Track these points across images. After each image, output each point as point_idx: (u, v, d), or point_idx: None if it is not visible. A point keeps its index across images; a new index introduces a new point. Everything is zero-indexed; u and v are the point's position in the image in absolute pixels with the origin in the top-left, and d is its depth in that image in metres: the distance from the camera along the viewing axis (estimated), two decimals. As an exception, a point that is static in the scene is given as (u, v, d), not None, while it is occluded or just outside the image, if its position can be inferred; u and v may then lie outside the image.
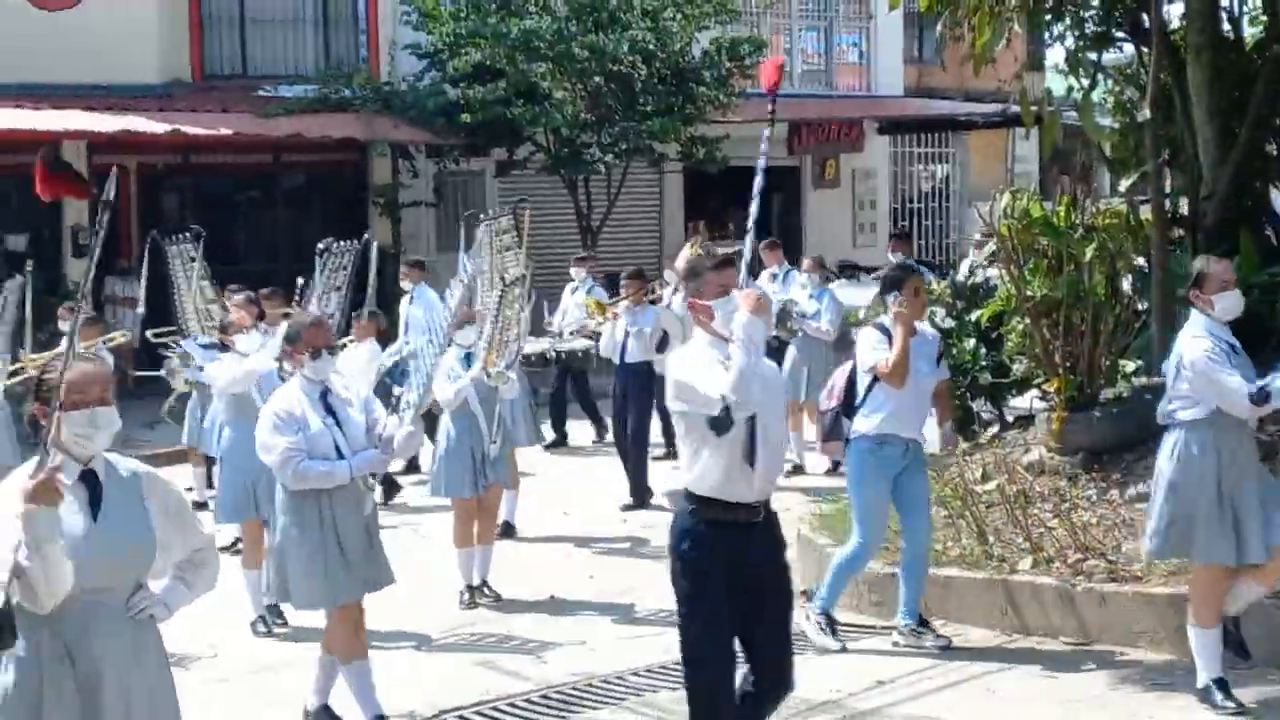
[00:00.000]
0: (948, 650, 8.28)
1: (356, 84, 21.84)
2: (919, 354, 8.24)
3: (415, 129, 21.80)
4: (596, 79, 21.29)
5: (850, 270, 23.25)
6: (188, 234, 12.24)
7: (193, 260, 12.01)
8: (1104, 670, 7.90)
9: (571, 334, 14.57)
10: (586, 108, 21.42)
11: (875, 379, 8.22)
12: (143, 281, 14.69)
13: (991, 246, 11.24)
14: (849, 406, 8.42)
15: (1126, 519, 9.09)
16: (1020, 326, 10.75)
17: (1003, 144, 31.78)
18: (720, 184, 26.23)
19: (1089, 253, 10.22)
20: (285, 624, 9.13)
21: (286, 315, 12.11)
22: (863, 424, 8.30)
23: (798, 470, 13.60)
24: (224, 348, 10.12)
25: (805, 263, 14.77)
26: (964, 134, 30.74)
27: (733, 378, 5.60)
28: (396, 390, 10.95)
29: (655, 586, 9.71)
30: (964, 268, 15.00)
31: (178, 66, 22.30)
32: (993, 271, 11.64)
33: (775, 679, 6.12)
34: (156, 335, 13.37)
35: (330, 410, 7.26)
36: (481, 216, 11.61)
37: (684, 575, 5.95)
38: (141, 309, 14.66)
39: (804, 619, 8.21)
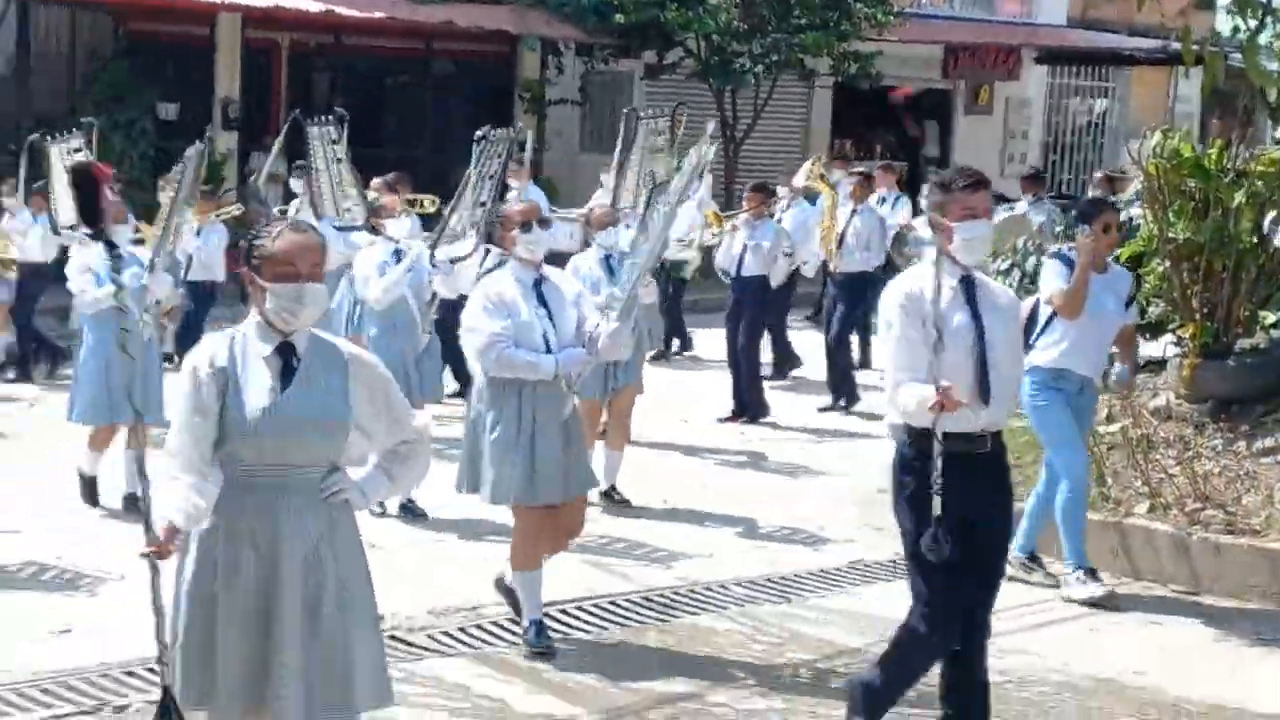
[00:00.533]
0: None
1: (514, -23, 21.91)
2: (1106, 290, 8.05)
3: (567, 25, 21.87)
4: (753, -13, 21.22)
5: (994, 199, 23.05)
6: (331, 116, 12.32)
7: (334, 143, 12.06)
8: (1211, 621, 7.86)
9: (679, 242, 14.61)
10: (740, 16, 21.37)
11: (1053, 311, 8.06)
12: (269, 157, 14.82)
13: (1136, 185, 11.12)
14: (1025, 338, 7.98)
15: (1250, 471, 9.01)
16: (1159, 269, 10.60)
17: (1166, 82, 31.15)
18: (870, 102, 26.13)
19: (1238, 198, 10.05)
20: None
21: (412, 203, 12.26)
22: (1039, 356, 8.05)
23: None
24: (374, 230, 10.20)
25: (925, 189, 14.63)
26: (1126, 70, 30.19)
27: (896, 398, 5.61)
28: None
29: (770, 500, 9.88)
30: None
31: (337, -54, 22.48)
32: (1135, 211, 11.48)
33: (974, 618, 5.77)
34: (283, 211, 13.54)
35: (543, 301, 6.96)
36: (640, 115, 11.68)
37: (911, 509, 5.67)
38: (258, 181, 14.78)
39: (1063, 581, 8.15)
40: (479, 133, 10.17)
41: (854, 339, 14.04)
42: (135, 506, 8.87)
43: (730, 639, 7.47)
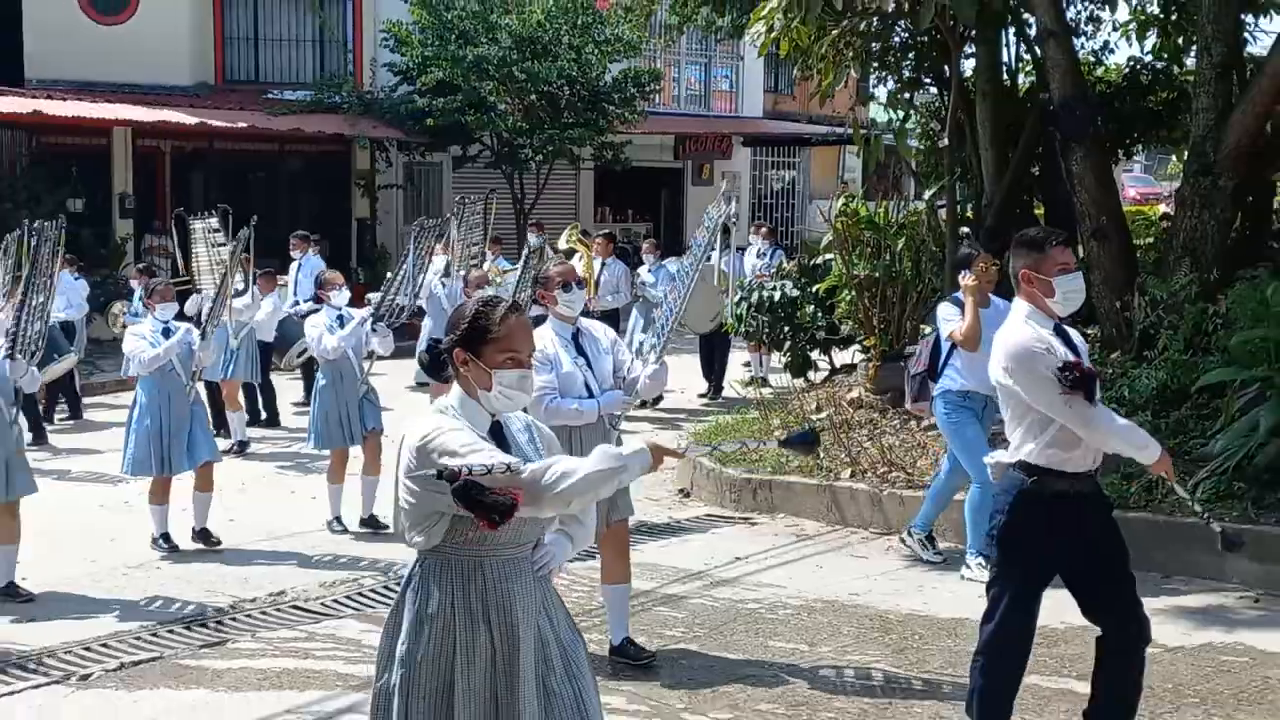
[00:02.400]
0: (943, 564, 7.64)
1: (345, 91, 21.62)
2: (992, 323, 6.89)
3: (390, 128, 21.64)
4: (531, 96, 21.24)
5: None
6: (214, 211, 11.99)
7: (215, 230, 11.78)
8: (896, 553, 8.00)
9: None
10: (522, 118, 21.38)
11: (954, 345, 7.33)
12: (174, 245, 14.36)
13: (828, 237, 11.45)
14: (933, 370, 7.50)
15: (921, 442, 9.25)
16: (848, 297, 10.93)
17: (836, 158, 32.10)
18: (623, 181, 26.37)
19: (900, 243, 10.46)
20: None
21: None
22: (948, 382, 7.37)
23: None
24: (318, 301, 9.62)
25: (645, 245, 14.78)
26: (808, 149, 31.01)
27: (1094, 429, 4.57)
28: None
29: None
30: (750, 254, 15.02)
31: (204, 72, 21.98)
32: (829, 255, 11.87)
33: (1137, 633, 4.68)
34: (176, 284, 13.01)
35: (580, 350, 6.04)
36: (465, 201, 11.81)
37: (1016, 546, 4.65)
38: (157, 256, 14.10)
39: (965, 564, 7.40)
40: (458, 198, 9.83)
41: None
42: (206, 539, 8.31)
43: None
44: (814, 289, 11.89)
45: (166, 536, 8.33)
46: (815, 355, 12.30)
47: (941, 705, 5.57)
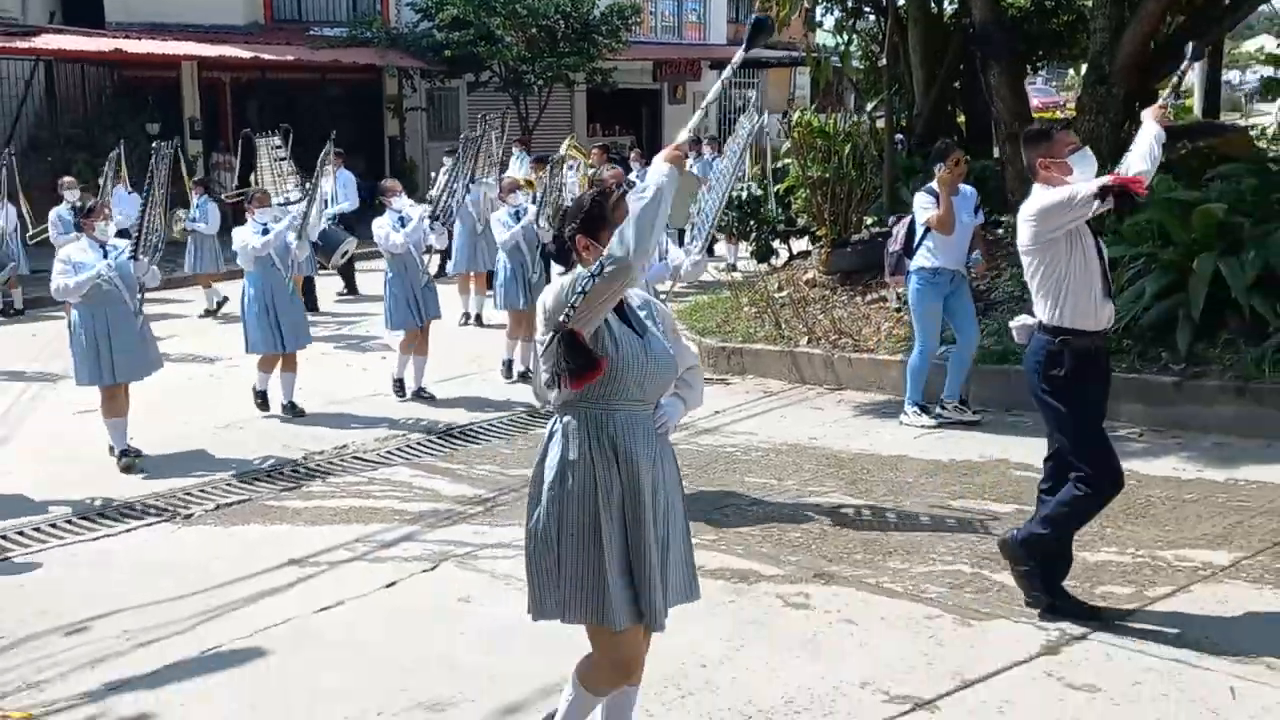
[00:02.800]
0: (978, 425, 7.25)
1: (375, 28, 21.18)
2: (961, 207, 7.07)
3: (414, 59, 21.23)
4: (533, 29, 20.84)
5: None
6: (275, 131, 11.74)
7: (277, 148, 11.55)
8: (846, 405, 8.04)
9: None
10: (525, 48, 20.98)
11: (928, 228, 7.11)
12: (237, 162, 14.14)
13: (787, 144, 11.34)
14: (909, 248, 7.27)
15: (865, 314, 9.21)
16: (804, 194, 10.87)
17: (788, 77, 31.56)
18: (610, 101, 25.99)
19: (846, 149, 10.35)
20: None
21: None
22: (920, 260, 7.17)
23: None
24: (380, 206, 9.06)
25: (632, 155, 14.57)
26: (765, 70, 30.50)
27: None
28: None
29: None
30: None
31: (255, 13, 21.46)
32: (787, 160, 11.76)
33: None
34: (230, 196, 12.90)
35: None
36: (488, 120, 11.59)
37: (1057, 396, 4.32)
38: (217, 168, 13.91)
39: (903, 414, 7.39)
40: (491, 117, 10.04)
41: None
42: (294, 410, 8.28)
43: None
44: (775, 188, 11.81)
45: (264, 395, 8.39)
46: (776, 244, 12.25)
47: (885, 527, 5.63)
